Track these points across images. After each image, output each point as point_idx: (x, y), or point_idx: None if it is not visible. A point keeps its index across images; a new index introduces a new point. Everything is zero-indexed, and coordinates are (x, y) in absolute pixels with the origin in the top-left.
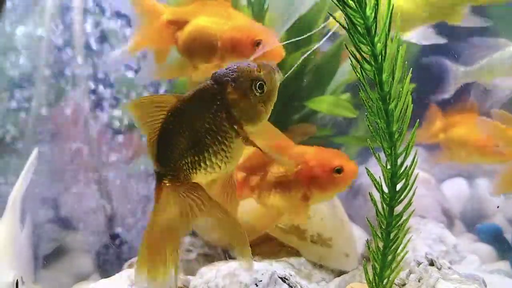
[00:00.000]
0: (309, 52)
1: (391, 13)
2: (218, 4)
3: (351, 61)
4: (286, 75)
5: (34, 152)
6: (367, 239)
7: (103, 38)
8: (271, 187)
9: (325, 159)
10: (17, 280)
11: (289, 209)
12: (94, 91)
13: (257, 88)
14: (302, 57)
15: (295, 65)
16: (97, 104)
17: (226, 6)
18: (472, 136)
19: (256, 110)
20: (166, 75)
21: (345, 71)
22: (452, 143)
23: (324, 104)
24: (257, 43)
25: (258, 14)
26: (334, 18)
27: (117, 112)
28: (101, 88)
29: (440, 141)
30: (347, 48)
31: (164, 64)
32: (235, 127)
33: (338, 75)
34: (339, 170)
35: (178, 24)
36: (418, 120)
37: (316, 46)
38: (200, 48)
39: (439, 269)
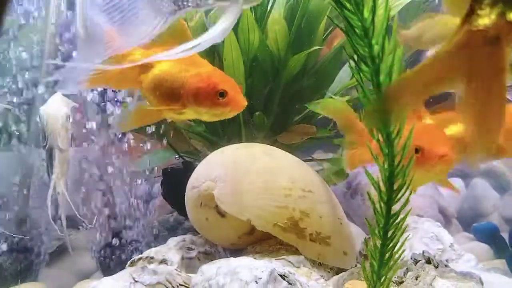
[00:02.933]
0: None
1: (388, 15)
2: None
3: (349, 62)
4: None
5: None
6: (365, 238)
7: None
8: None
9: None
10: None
11: None
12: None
13: None
14: None
15: None
16: (99, 103)
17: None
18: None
19: None
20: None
21: (346, 73)
22: None
23: (325, 106)
24: (220, 93)
25: (261, 16)
26: (333, 22)
27: (117, 112)
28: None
29: None
30: (345, 50)
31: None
32: None
33: (338, 77)
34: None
35: (143, 67)
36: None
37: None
38: (164, 93)
39: (436, 267)
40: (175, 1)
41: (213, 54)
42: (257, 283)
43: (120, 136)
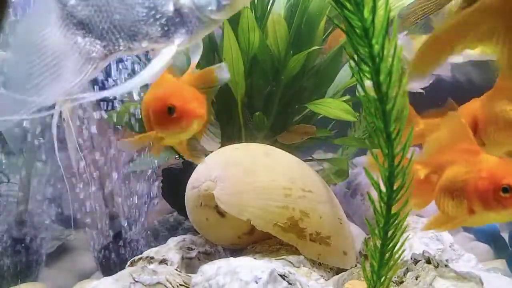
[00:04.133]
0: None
1: (389, 15)
2: None
3: (349, 62)
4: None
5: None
6: (365, 238)
7: None
8: (442, 190)
9: (498, 173)
10: None
11: (451, 218)
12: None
13: None
14: None
15: None
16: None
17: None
18: None
19: None
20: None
21: (346, 73)
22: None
23: (325, 106)
24: (170, 109)
25: (261, 16)
26: (333, 21)
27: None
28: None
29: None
30: (345, 50)
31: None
32: None
33: (338, 77)
34: (506, 189)
35: None
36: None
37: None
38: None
39: (436, 267)
40: (105, 45)
41: (213, 54)
42: (257, 283)
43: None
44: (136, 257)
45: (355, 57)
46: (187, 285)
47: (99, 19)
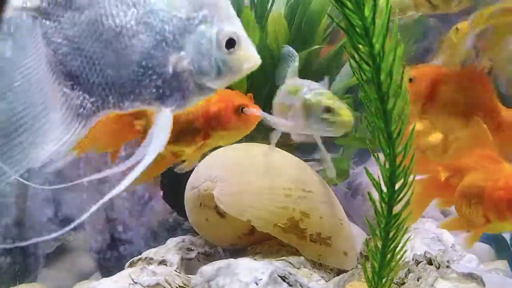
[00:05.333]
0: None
1: (389, 13)
2: None
3: (350, 61)
4: None
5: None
6: (366, 238)
7: None
8: (461, 195)
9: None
10: None
11: (468, 224)
12: None
13: None
14: None
15: None
16: None
17: None
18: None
19: None
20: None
21: (347, 73)
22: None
23: None
24: (241, 109)
25: (261, 15)
26: (333, 20)
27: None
28: None
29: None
30: (345, 49)
31: None
32: None
33: (339, 76)
34: None
35: (135, 113)
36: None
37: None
38: (178, 131)
39: (438, 268)
40: (94, 101)
41: None
42: (257, 284)
43: None
44: (135, 258)
45: (356, 56)
46: (187, 286)
47: (91, 72)
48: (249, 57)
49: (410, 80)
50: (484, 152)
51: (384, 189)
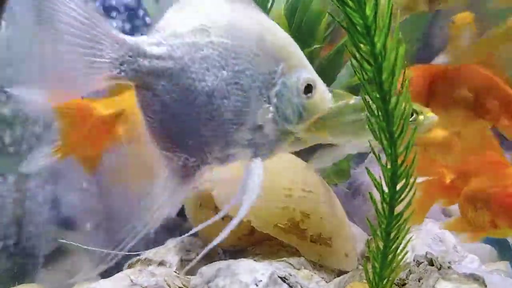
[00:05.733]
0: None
1: (391, 12)
2: None
3: (351, 61)
4: None
5: None
6: (367, 239)
7: None
8: (466, 199)
9: None
10: None
11: (472, 226)
12: None
13: None
14: None
15: None
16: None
17: None
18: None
19: None
20: None
21: (348, 72)
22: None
23: None
24: None
25: None
26: (335, 19)
27: None
28: None
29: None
30: (347, 48)
31: None
32: None
33: (340, 76)
34: None
35: (115, 116)
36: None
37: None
38: None
39: (439, 268)
40: (194, 161)
41: None
42: (257, 285)
43: None
44: (135, 259)
45: (357, 55)
46: (186, 287)
47: (188, 134)
48: (324, 98)
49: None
50: (491, 156)
51: (386, 189)
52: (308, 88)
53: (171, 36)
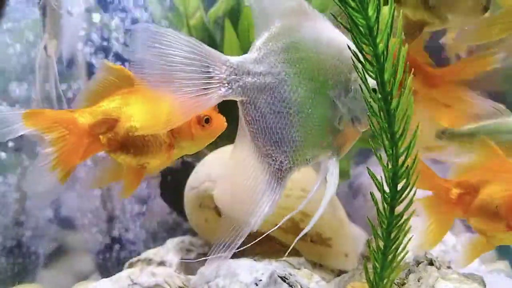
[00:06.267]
0: None
1: (393, 13)
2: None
3: (353, 61)
4: None
5: None
6: (368, 239)
7: None
8: (479, 210)
9: None
10: None
11: (489, 237)
12: None
13: None
14: None
15: None
16: None
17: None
18: None
19: None
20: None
21: None
22: None
23: None
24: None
25: None
26: (336, 19)
27: None
28: None
29: None
30: (349, 48)
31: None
32: None
33: None
34: None
35: (102, 125)
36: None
37: None
38: (148, 142)
39: (439, 268)
40: (287, 163)
41: None
42: (257, 285)
43: None
44: (135, 259)
45: (359, 56)
46: (186, 287)
47: (284, 140)
48: None
49: None
50: (496, 165)
51: (387, 189)
52: (374, 91)
53: (269, 54)
